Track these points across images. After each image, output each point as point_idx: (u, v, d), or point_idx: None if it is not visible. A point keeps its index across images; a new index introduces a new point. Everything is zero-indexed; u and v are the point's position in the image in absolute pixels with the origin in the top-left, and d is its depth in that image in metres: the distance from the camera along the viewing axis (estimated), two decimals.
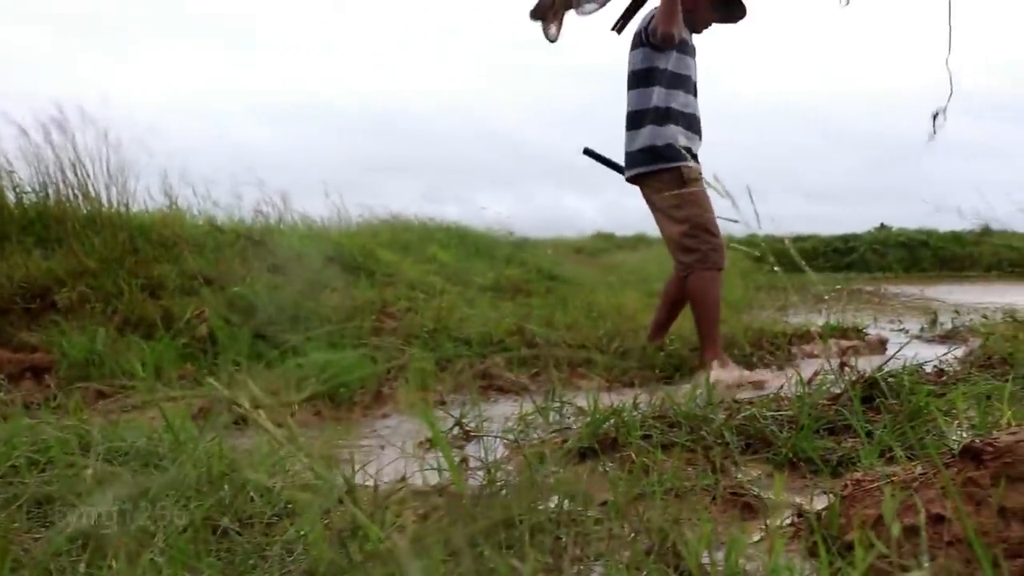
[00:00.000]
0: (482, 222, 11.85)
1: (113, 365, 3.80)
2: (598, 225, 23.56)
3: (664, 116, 4.30)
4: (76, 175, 5.57)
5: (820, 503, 1.84)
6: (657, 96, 4.31)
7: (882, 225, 26.48)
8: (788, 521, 1.81)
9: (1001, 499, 1.34)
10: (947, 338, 6.15)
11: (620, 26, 4.48)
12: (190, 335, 4.39)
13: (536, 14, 4.47)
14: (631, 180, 4.47)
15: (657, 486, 1.90)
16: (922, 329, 7.04)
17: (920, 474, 1.52)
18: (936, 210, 3.79)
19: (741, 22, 4.56)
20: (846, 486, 1.62)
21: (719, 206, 4.45)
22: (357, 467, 2.02)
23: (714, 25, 4.57)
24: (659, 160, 4.29)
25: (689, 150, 4.34)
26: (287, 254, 5.89)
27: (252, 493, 1.79)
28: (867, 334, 6.20)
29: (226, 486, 1.77)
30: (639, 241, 20.06)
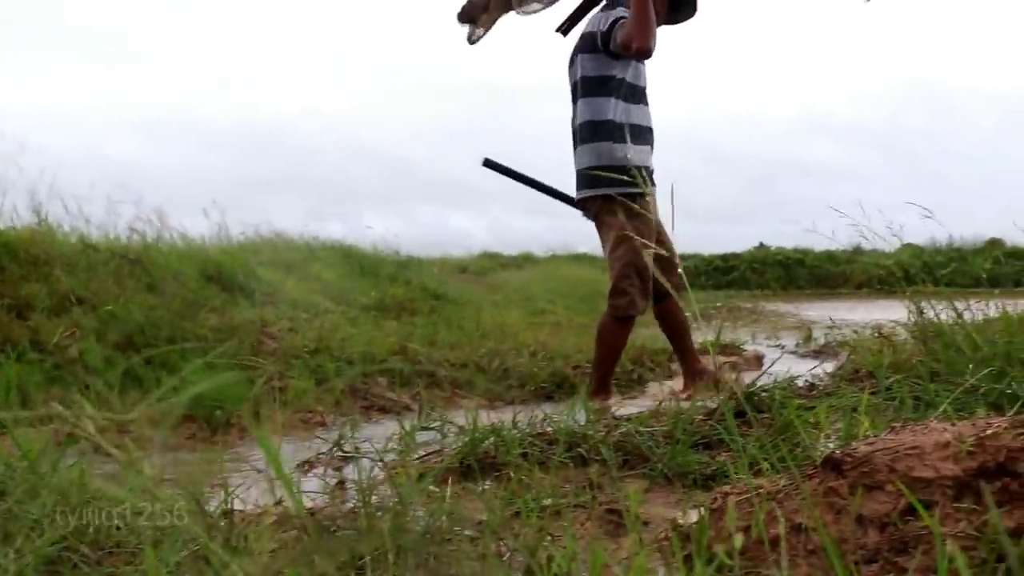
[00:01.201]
0: (367, 241, 11.76)
1: None
2: (485, 244, 23.67)
3: (622, 133, 4.03)
4: None
5: (694, 517, 1.87)
6: (613, 109, 4.04)
7: (761, 244, 27.32)
8: (662, 535, 1.84)
9: (859, 507, 1.38)
10: (820, 353, 6.36)
11: (566, 28, 4.28)
12: (60, 357, 4.22)
13: (465, 17, 4.25)
14: (580, 201, 4.23)
15: (533, 504, 1.90)
16: (797, 344, 7.28)
17: (786, 485, 1.56)
18: (806, 231, 3.88)
19: (684, 23, 4.30)
20: (716, 499, 1.65)
21: None
22: (230, 491, 1.97)
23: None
24: (611, 184, 3.88)
25: (646, 168, 4.11)
26: (164, 273, 5.73)
27: (117, 522, 1.72)
28: (745, 350, 6.38)
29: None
30: (525, 260, 20.21)
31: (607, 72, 4.05)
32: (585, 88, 4.10)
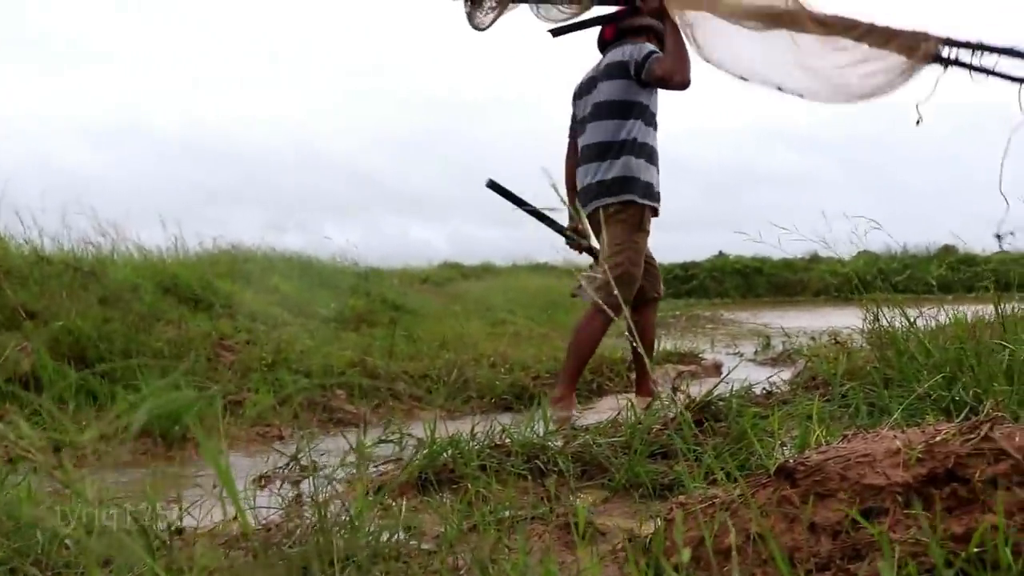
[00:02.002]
0: (327, 252, 11.71)
1: None
2: (446, 254, 23.59)
3: (644, 152, 4.35)
4: None
5: (650, 527, 1.87)
6: (636, 130, 4.33)
7: (720, 253, 27.51)
8: (619, 546, 1.84)
9: (811, 515, 1.39)
10: (778, 361, 6.41)
11: (559, 32, 4.37)
12: (11, 372, 4.14)
13: None
14: (592, 212, 4.38)
15: (490, 517, 1.89)
16: (755, 352, 7.34)
17: (740, 495, 1.56)
18: (756, 241, 3.94)
19: None
20: (671, 509, 1.65)
21: None
22: (183, 508, 1.95)
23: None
24: (628, 192, 4.30)
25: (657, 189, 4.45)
26: (119, 285, 5.65)
27: (66, 541, 1.69)
28: (704, 358, 6.42)
29: (37, 533, 1.67)
30: (485, 271, 20.21)
31: (635, 98, 4.34)
32: (609, 110, 4.35)
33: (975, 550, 1.26)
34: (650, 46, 4.32)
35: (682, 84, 4.18)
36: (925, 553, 1.29)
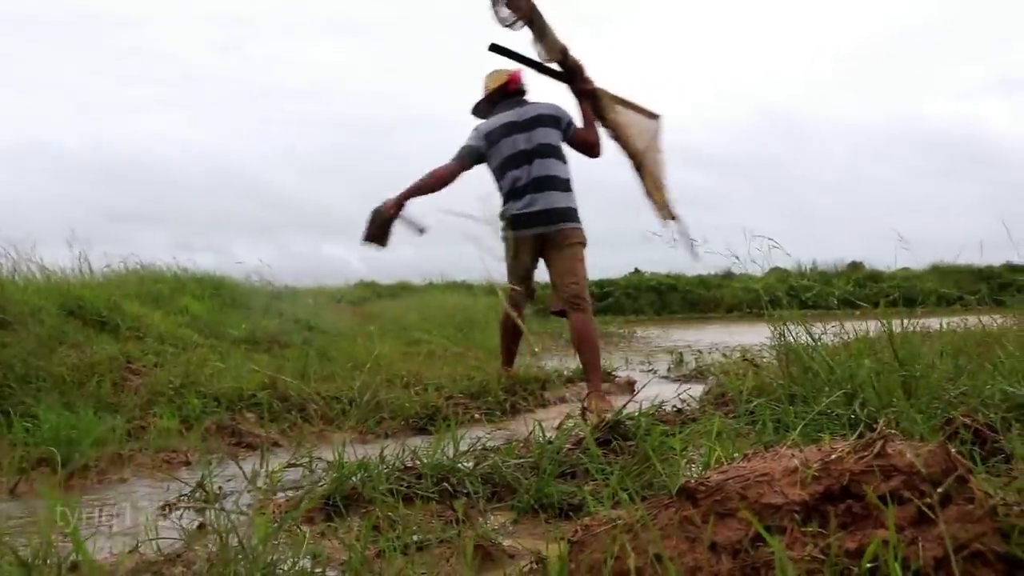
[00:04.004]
0: (240, 272, 11.49)
1: None
2: (361, 273, 23.27)
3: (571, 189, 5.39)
4: None
5: (557, 549, 1.87)
6: (568, 171, 5.38)
7: (636, 270, 27.77)
8: (526, 568, 1.84)
9: (712, 535, 1.41)
10: (690, 377, 6.49)
11: (501, 52, 5.08)
12: None
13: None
14: (546, 231, 5.26)
15: (397, 542, 1.87)
16: (669, 369, 7.43)
17: (643, 516, 1.58)
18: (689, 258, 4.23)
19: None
20: (576, 531, 1.65)
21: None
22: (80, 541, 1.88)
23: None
24: (579, 221, 5.33)
25: None
26: (19, 308, 5.47)
27: None
28: (617, 376, 6.47)
29: None
30: (402, 289, 20.09)
31: (560, 145, 5.38)
32: (553, 152, 5.33)
33: (868, 565, 1.29)
34: (571, 114, 5.40)
35: (600, 154, 5.41)
36: (821, 570, 1.31)
